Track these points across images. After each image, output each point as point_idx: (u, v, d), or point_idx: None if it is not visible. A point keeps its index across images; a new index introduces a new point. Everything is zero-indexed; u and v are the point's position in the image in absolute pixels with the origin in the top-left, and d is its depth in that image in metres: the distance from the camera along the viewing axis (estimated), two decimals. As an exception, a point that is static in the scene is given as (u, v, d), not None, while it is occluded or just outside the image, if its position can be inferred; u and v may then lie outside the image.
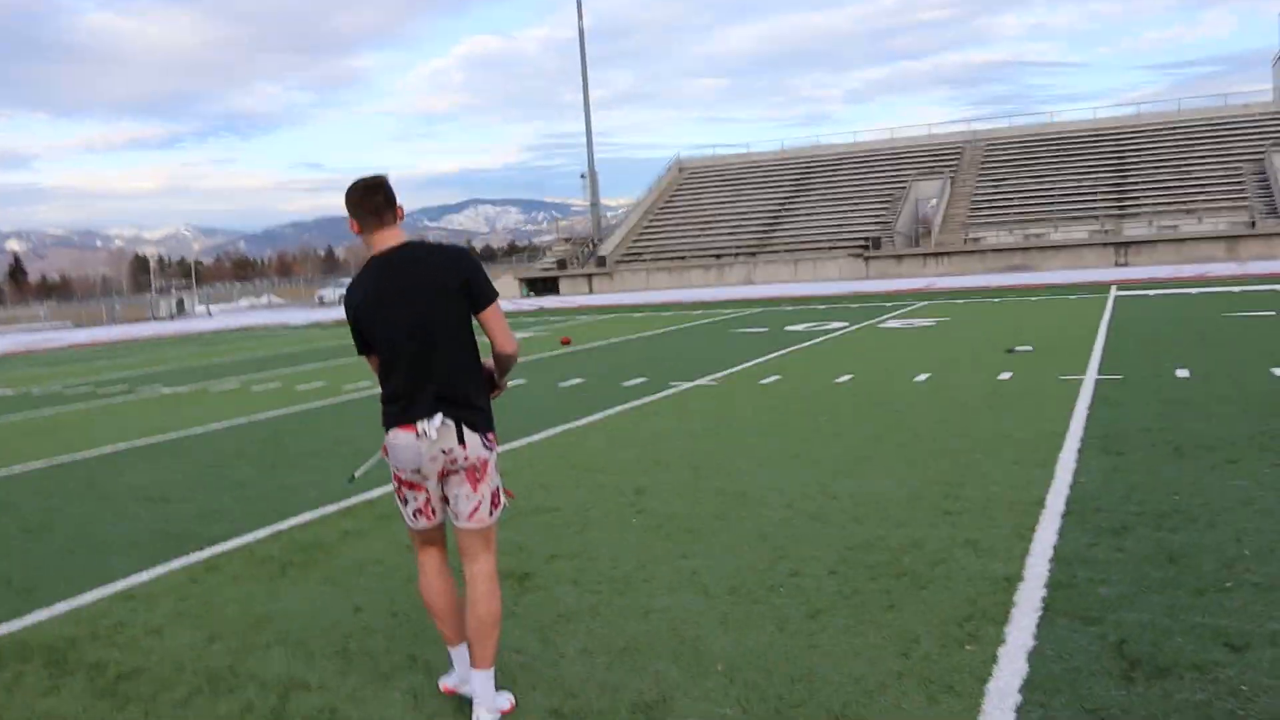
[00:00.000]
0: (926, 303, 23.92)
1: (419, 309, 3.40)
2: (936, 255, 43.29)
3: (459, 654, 3.64)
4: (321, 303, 61.33)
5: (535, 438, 8.70)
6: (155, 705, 3.78)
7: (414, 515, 3.54)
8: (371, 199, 3.46)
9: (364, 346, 3.58)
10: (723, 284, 45.49)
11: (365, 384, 13.98)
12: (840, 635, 3.94)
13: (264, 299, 75.21)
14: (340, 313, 41.68)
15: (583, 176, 56.21)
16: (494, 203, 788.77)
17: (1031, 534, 5.02)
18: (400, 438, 3.39)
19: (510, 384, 12.46)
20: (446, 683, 3.72)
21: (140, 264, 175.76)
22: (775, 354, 14.40)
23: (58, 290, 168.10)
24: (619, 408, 10.14)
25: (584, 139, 55.19)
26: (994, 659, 3.62)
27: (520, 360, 15.68)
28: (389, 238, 3.47)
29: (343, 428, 10.25)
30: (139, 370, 20.51)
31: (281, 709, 3.66)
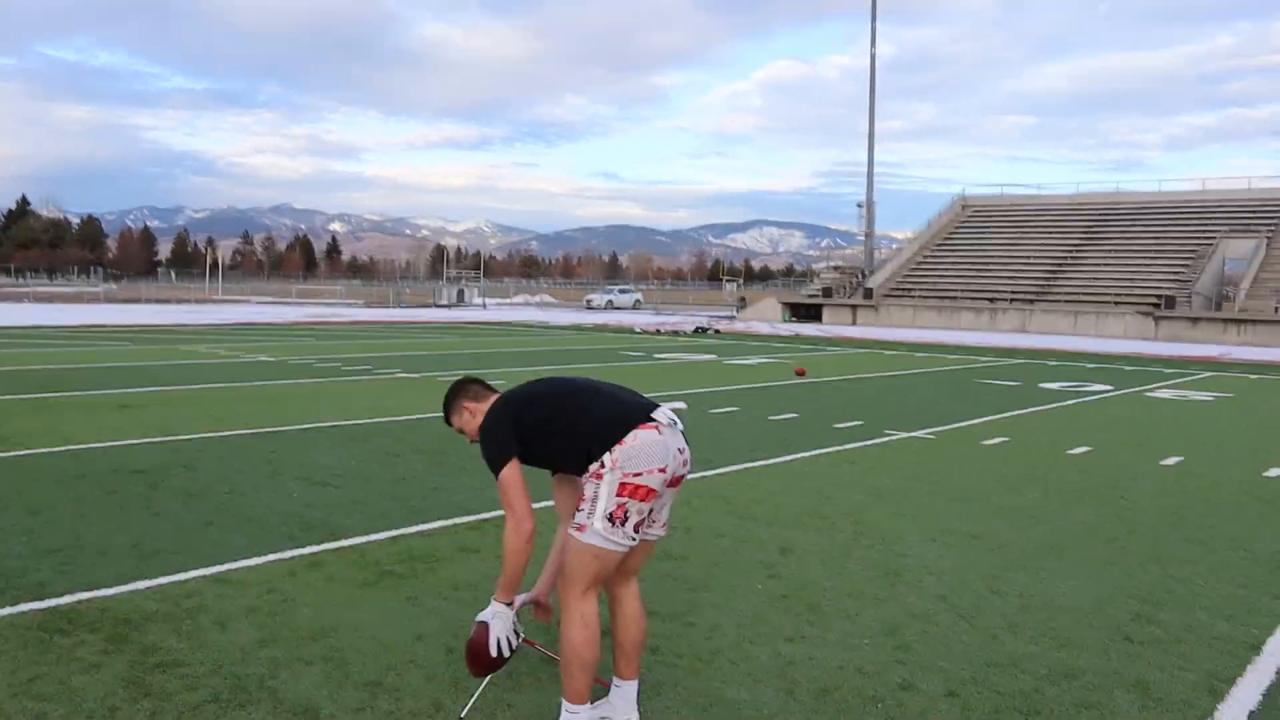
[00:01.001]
0: (1213, 374, 21.46)
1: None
2: (1239, 322, 39.17)
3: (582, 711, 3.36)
4: (589, 306, 62.99)
5: (709, 473, 8.17)
6: (167, 705, 3.55)
7: (634, 530, 3.29)
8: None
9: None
10: (994, 329, 43.10)
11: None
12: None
13: (538, 297, 78.21)
14: (599, 317, 42.56)
15: (859, 205, 54.91)
16: (779, 225, 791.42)
17: (1227, 689, 4.01)
18: (644, 435, 3.25)
19: (720, 411, 11.97)
20: None
21: (439, 253, 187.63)
22: (1014, 412, 13.16)
23: (364, 270, 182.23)
24: (815, 451, 9.44)
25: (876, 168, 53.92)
26: None
27: (741, 388, 15.19)
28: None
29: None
30: (389, 353, 21.46)
31: (267, 742, 3.32)
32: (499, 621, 3.43)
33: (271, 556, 5.49)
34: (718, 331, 35.77)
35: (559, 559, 3.61)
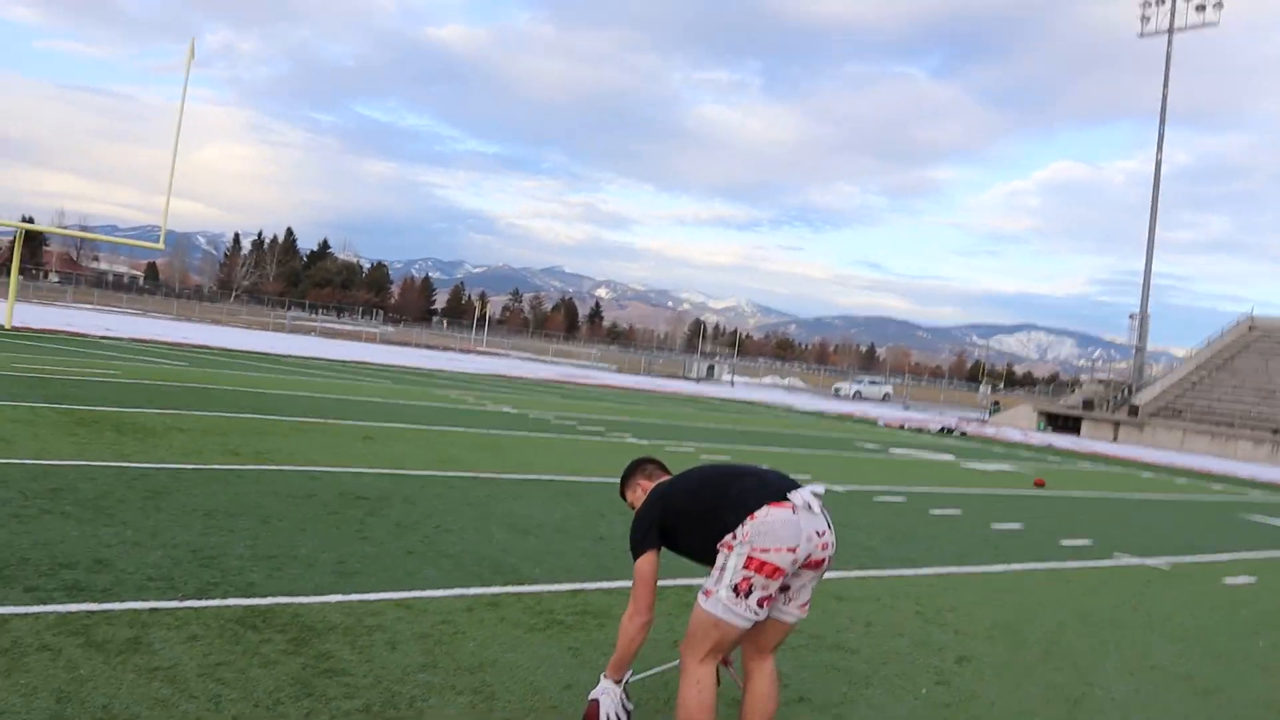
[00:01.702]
0: None
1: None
2: None
3: None
4: (837, 394, 62.34)
5: (908, 572, 7.94)
6: (323, 708, 3.82)
7: (758, 605, 3.34)
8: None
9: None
10: (1274, 463, 39.41)
11: (803, 476, 13.78)
12: None
13: (786, 380, 78.08)
14: (846, 407, 42.07)
15: (1131, 317, 51.83)
16: (1049, 330, 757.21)
17: None
18: (776, 513, 3.32)
19: (941, 513, 11.61)
20: None
21: (696, 327, 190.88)
22: (1272, 553, 12.01)
23: (622, 337, 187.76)
24: (1029, 565, 8.98)
25: (1157, 279, 50.98)
26: None
27: (970, 491, 14.62)
28: None
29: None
30: (625, 417, 22.03)
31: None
32: (607, 698, 3.62)
33: (456, 591, 5.79)
34: (964, 434, 34.53)
35: None
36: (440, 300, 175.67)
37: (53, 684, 3.78)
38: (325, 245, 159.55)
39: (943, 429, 34.64)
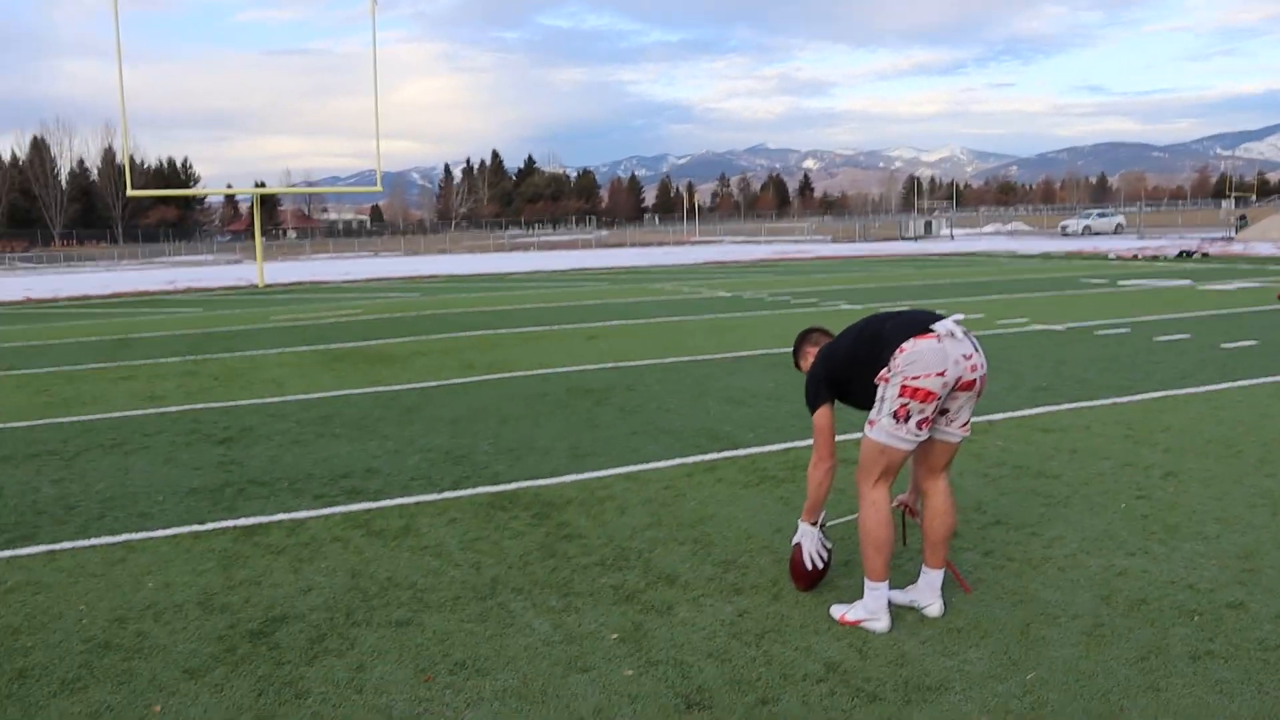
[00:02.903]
0: None
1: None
2: None
3: (883, 589, 3.76)
4: (1064, 233, 59.42)
5: (1120, 399, 7.96)
6: (565, 564, 4.47)
7: (916, 428, 3.68)
8: None
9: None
10: None
11: (1021, 319, 13.67)
12: None
13: (1010, 226, 74.91)
14: (1074, 244, 40.20)
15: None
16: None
17: None
18: (922, 344, 3.64)
19: (1168, 338, 11.35)
20: (855, 616, 3.80)
21: (911, 185, 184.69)
22: None
23: (835, 206, 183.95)
24: (1258, 380, 8.73)
25: None
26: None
27: (1203, 314, 14.06)
28: None
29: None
30: (840, 286, 22.12)
31: (616, 599, 4.11)
32: (807, 540, 4.03)
33: (677, 461, 6.37)
34: (1205, 255, 32.51)
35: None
36: (649, 197, 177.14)
37: (347, 565, 4.59)
38: (531, 161, 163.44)
39: (1182, 253, 32.72)
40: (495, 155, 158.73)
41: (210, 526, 5.24)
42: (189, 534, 5.12)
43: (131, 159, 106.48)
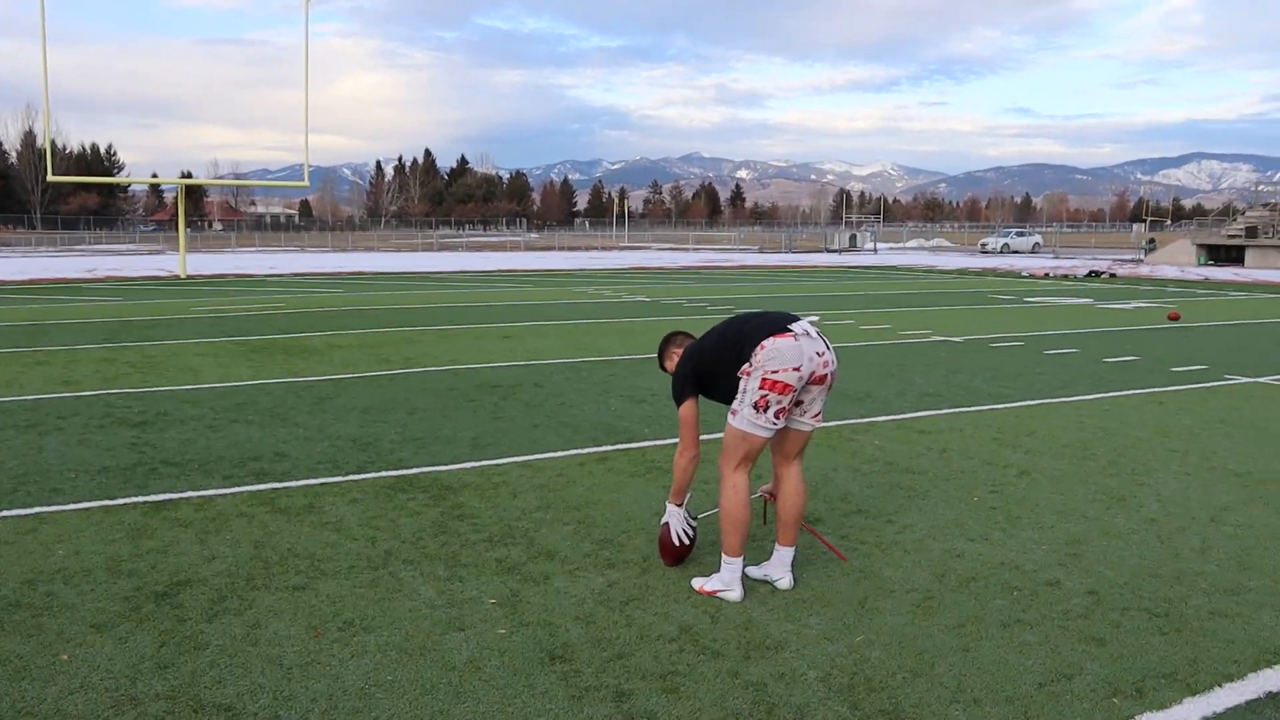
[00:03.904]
0: None
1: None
2: None
3: (738, 564, 4.16)
4: (983, 250, 61.02)
5: (998, 406, 8.52)
6: (454, 540, 4.81)
7: (774, 417, 4.06)
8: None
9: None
10: None
11: (924, 331, 14.27)
12: (1006, 638, 3.72)
13: (932, 241, 76.61)
14: (991, 261, 41.20)
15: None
16: (1221, 158, 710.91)
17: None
18: (780, 342, 4.03)
19: (1057, 352, 12.00)
20: (711, 587, 4.19)
21: (842, 199, 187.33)
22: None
23: (765, 216, 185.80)
24: (1130, 391, 9.38)
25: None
26: None
27: (1094, 330, 14.81)
28: None
29: (856, 369, 10.72)
30: (757, 295, 22.70)
31: (466, 580, 4.47)
32: (674, 519, 4.44)
33: (573, 451, 6.74)
34: (1113, 275, 33.76)
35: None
36: (581, 201, 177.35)
37: (251, 537, 4.88)
38: (464, 161, 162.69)
39: (1091, 273, 33.96)
40: (428, 154, 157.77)
41: (121, 501, 5.49)
42: (100, 508, 5.36)
43: (53, 143, 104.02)
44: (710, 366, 4.27)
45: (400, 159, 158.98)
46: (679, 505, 4.43)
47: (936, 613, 4.00)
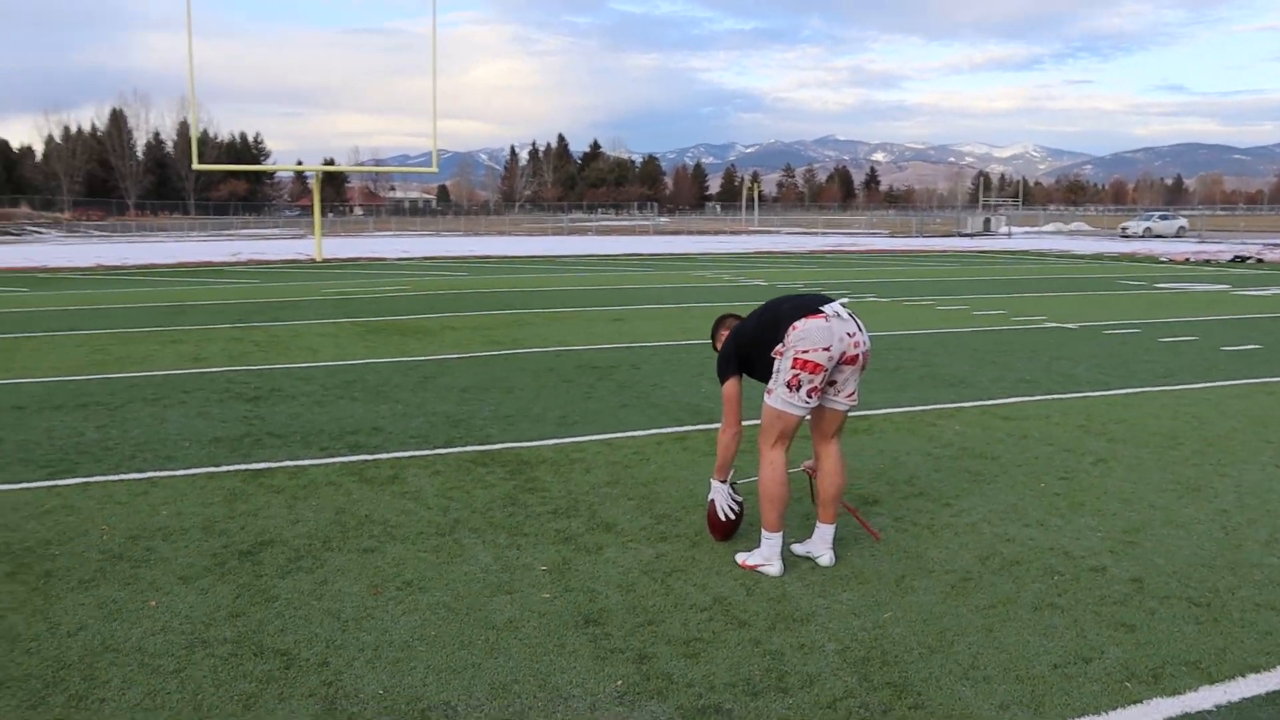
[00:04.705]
0: None
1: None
2: None
3: (778, 539, 4.33)
4: (1124, 234, 58.72)
5: (1093, 394, 8.38)
6: (521, 511, 5.08)
7: (807, 396, 4.22)
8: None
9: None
10: None
11: (1039, 317, 14.01)
12: (1033, 620, 3.78)
13: (1071, 226, 74.05)
14: (1132, 246, 39.77)
15: None
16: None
17: None
18: (811, 323, 4.19)
19: (1173, 340, 11.68)
20: (753, 561, 4.38)
21: (979, 181, 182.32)
22: None
23: (900, 200, 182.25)
24: (1238, 381, 9.07)
25: None
26: None
27: (1219, 318, 14.27)
28: None
29: (940, 353, 10.64)
30: (878, 279, 22.48)
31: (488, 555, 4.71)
32: (719, 496, 4.61)
33: (653, 431, 6.95)
34: (1260, 261, 32.18)
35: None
36: (714, 185, 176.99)
37: (334, 504, 5.25)
38: (596, 146, 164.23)
39: (1235, 258, 32.44)
40: (561, 139, 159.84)
41: (225, 469, 5.95)
42: (205, 474, 5.82)
43: (205, 133, 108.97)
44: (750, 347, 4.42)
45: (534, 144, 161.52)
46: (723, 481, 4.60)
47: (970, 593, 4.08)
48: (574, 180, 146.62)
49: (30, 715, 3.08)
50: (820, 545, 4.41)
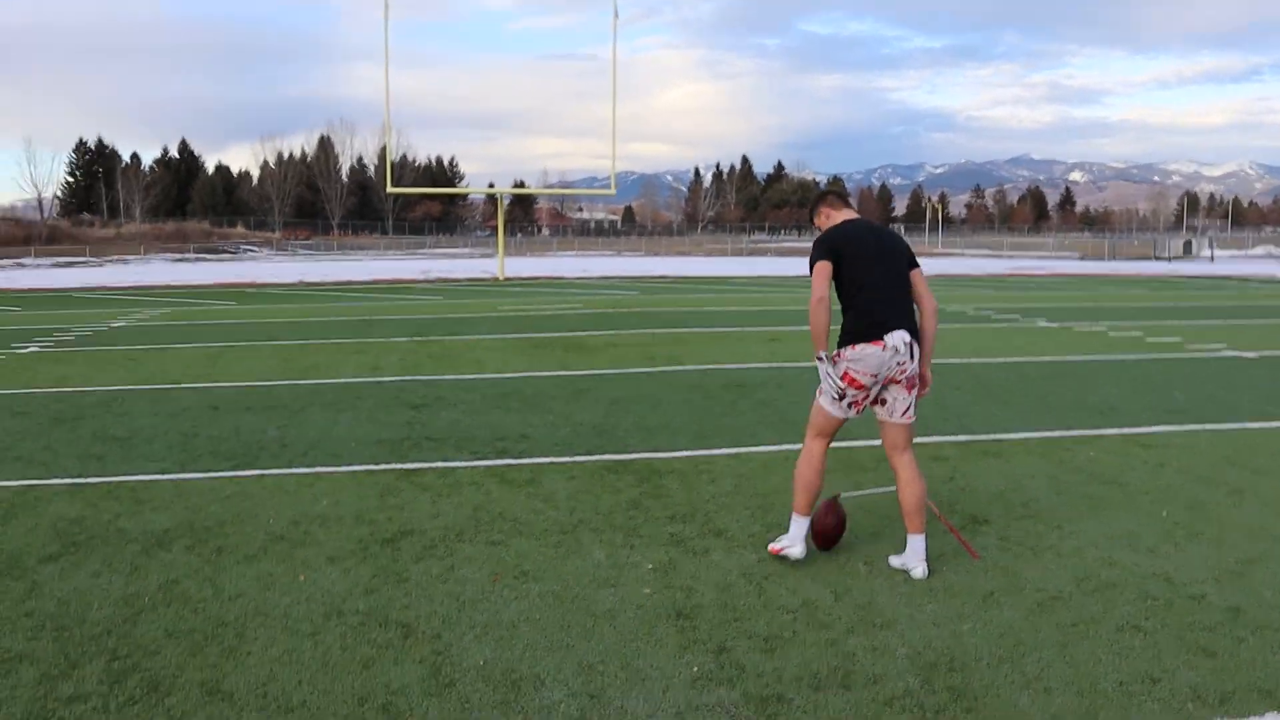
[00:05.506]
0: None
1: (900, 267, 4.69)
2: None
3: (804, 523, 4.68)
4: (1345, 260, 54.63)
5: (1254, 425, 8.11)
6: (641, 516, 5.45)
7: (848, 406, 4.61)
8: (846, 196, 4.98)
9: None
10: None
11: (1216, 345, 13.49)
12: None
13: (1285, 249, 69.37)
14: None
15: None
16: None
17: None
18: (869, 349, 4.53)
19: (1260, 354, 11.11)
20: (779, 545, 4.73)
21: (1183, 202, 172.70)
22: None
23: (1098, 221, 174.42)
24: None
25: None
26: None
27: None
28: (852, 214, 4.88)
29: (1096, 379, 10.44)
30: (1052, 304, 21.88)
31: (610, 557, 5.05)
32: (822, 373, 4.64)
33: (784, 446, 7.21)
34: None
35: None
36: (900, 206, 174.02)
37: (473, 501, 5.75)
38: (780, 167, 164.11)
39: None
40: (745, 160, 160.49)
41: (383, 467, 6.56)
42: (364, 471, 6.44)
43: (404, 156, 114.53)
44: (841, 259, 4.61)
45: (718, 165, 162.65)
46: (823, 356, 4.63)
47: (1055, 612, 4.19)
48: (757, 201, 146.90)
49: (190, 660, 3.64)
50: (913, 558, 4.60)
